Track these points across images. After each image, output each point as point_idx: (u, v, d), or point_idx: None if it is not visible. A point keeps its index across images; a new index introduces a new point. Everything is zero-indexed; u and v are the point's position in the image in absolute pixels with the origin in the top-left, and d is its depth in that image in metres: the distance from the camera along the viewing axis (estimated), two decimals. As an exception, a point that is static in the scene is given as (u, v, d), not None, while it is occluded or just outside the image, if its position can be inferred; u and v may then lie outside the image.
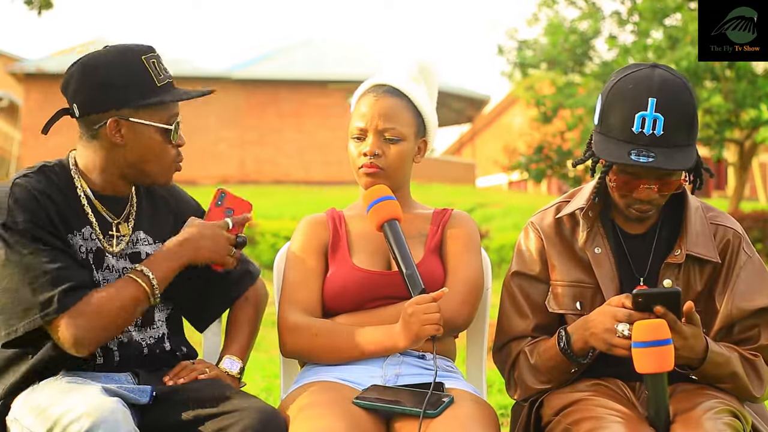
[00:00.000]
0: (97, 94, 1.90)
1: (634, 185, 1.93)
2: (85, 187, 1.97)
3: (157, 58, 1.96)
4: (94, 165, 1.97)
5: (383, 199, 2.09)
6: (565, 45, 14.23)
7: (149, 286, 1.88)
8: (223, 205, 2.07)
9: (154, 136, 1.94)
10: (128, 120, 1.91)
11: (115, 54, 1.92)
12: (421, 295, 1.98)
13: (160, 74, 1.94)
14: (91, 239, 1.94)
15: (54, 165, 1.98)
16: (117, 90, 1.89)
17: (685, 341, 1.83)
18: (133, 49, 1.93)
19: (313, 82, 22.39)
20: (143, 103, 1.90)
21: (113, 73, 1.89)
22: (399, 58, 2.31)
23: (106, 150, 1.95)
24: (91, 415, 1.67)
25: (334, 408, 1.86)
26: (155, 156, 1.96)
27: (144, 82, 1.91)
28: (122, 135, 1.92)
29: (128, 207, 2.04)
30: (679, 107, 1.87)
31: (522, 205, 16.85)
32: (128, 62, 1.91)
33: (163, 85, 1.94)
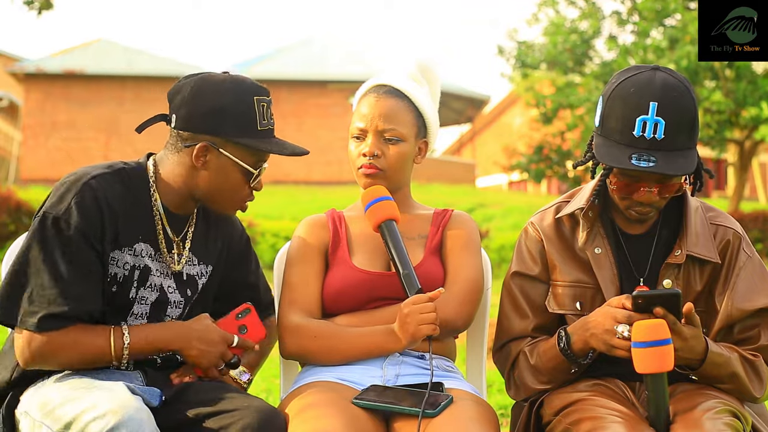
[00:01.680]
0: (200, 115, 1.91)
1: (635, 188, 1.93)
2: (159, 202, 1.97)
3: (268, 103, 1.98)
4: (172, 176, 1.97)
5: (380, 199, 2.09)
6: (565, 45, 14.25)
7: (119, 351, 1.86)
8: (241, 321, 2.04)
9: (236, 173, 1.95)
10: (218, 150, 1.92)
11: (231, 84, 1.93)
12: (418, 295, 1.98)
13: (264, 119, 1.96)
14: (141, 256, 1.94)
15: (133, 169, 1.97)
16: (219, 118, 1.91)
17: (685, 342, 1.83)
18: (249, 86, 1.95)
19: (313, 82, 22.40)
20: (237, 140, 1.92)
21: (223, 101, 1.91)
22: (401, 59, 2.31)
23: (187, 167, 1.95)
24: (116, 413, 1.67)
25: (333, 408, 1.86)
26: (229, 190, 1.97)
27: (246, 121, 1.92)
28: (206, 161, 1.93)
29: (188, 227, 2.05)
30: (680, 111, 1.86)
31: (522, 205, 16.85)
32: (240, 96, 1.92)
33: (263, 131, 1.95)
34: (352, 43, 26.14)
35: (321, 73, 22.53)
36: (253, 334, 2.04)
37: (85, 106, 21.41)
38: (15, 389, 1.90)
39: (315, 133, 22.02)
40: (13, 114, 24.66)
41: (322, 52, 24.05)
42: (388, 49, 43.97)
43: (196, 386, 1.93)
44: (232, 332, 2.00)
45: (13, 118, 24.66)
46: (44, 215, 1.84)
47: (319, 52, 24.06)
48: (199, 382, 1.97)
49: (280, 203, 15.48)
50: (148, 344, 1.89)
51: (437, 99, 2.32)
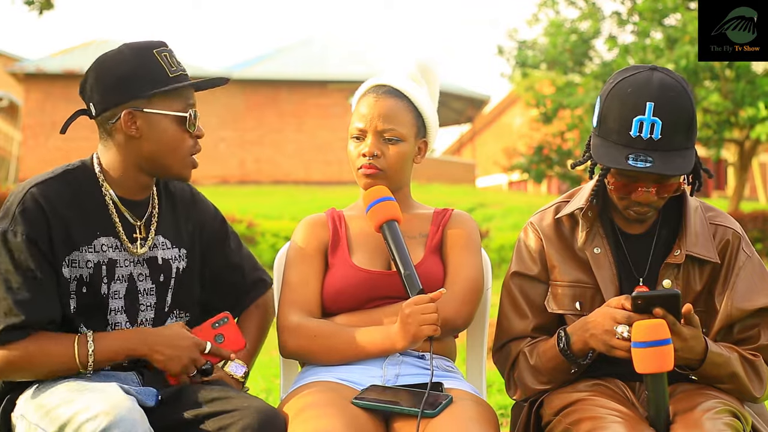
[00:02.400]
0: (111, 89, 1.91)
1: (633, 188, 1.93)
2: (111, 192, 1.97)
3: (170, 53, 1.97)
4: (115, 163, 1.97)
5: (382, 200, 2.10)
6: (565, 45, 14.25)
7: (83, 359, 1.85)
8: (218, 330, 2.02)
9: (170, 125, 1.94)
10: (142, 111, 1.91)
11: (127, 51, 1.93)
12: (419, 296, 1.98)
13: (173, 66, 1.95)
14: (102, 251, 1.93)
15: (77, 168, 1.97)
16: (129, 83, 1.90)
17: (685, 342, 1.83)
18: (145, 44, 1.95)
19: (313, 82, 22.40)
20: (155, 91, 1.91)
21: (125, 67, 1.91)
22: (400, 59, 2.31)
23: (124, 145, 1.95)
24: (108, 414, 1.67)
25: (333, 408, 1.86)
26: (172, 147, 1.95)
27: (156, 73, 1.92)
28: (137, 127, 1.92)
29: (149, 209, 2.03)
30: (678, 111, 1.86)
31: (522, 205, 16.85)
32: (140, 56, 1.92)
33: (176, 76, 1.94)
34: (353, 43, 26.13)
35: (321, 73, 22.52)
36: (230, 343, 2.03)
37: (85, 106, 21.39)
38: (11, 393, 1.90)
39: (315, 133, 22.02)
40: (13, 114, 24.66)
41: (322, 52, 24.05)
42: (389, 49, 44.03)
43: (195, 386, 1.93)
44: (207, 337, 1.99)
45: (13, 118, 24.66)
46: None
47: (319, 52, 24.06)
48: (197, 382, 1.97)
49: (280, 203, 15.47)
50: (113, 351, 1.88)
51: (437, 99, 2.32)
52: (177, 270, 2.06)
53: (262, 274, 2.26)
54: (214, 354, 1.99)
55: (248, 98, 22.15)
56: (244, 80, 22.15)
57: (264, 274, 2.26)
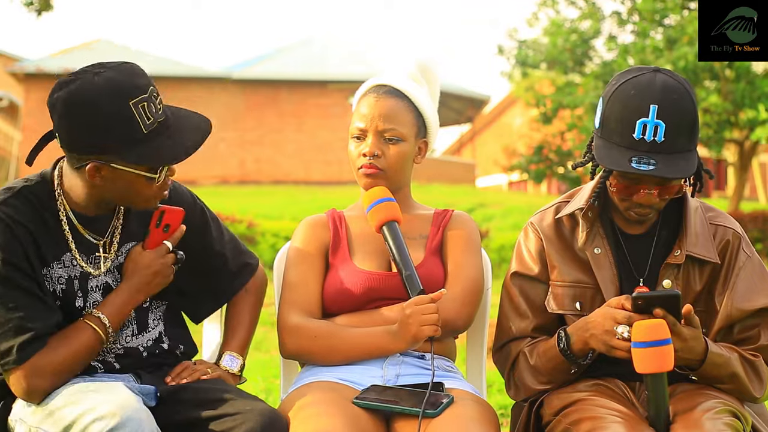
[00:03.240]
0: (78, 135, 1.79)
1: (634, 190, 1.93)
2: (68, 210, 1.91)
3: (148, 100, 1.80)
4: (77, 191, 1.90)
5: (383, 200, 2.09)
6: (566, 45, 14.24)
7: (104, 332, 1.88)
8: (162, 223, 2.01)
9: (136, 180, 1.85)
10: (108, 165, 1.81)
11: (102, 93, 1.76)
12: (420, 296, 1.98)
13: (149, 118, 1.80)
14: (72, 265, 1.92)
15: (35, 184, 1.91)
16: (99, 136, 1.77)
17: (685, 343, 1.83)
18: (121, 90, 1.77)
19: (313, 82, 22.40)
20: (124, 154, 1.80)
21: (97, 119, 1.76)
22: (400, 59, 2.31)
23: (87, 184, 1.88)
24: (116, 415, 1.67)
25: (333, 408, 1.86)
26: (135, 195, 1.90)
27: (128, 131, 1.78)
28: (102, 176, 1.84)
29: (113, 223, 1.99)
30: (681, 114, 1.86)
31: (522, 205, 16.84)
32: (114, 107, 1.76)
33: (151, 132, 1.80)
34: (353, 43, 26.13)
35: (321, 73, 22.52)
36: (174, 220, 2.01)
37: (85, 106, 21.37)
38: (5, 398, 1.90)
39: (315, 133, 22.02)
40: (13, 114, 24.65)
41: (322, 52, 24.05)
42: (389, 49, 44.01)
43: (195, 386, 1.93)
44: (161, 239, 2.00)
45: (13, 118, 24.65)
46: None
47: (319, 52, 24.06)
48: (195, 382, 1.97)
49: (280, 203, 15.46)
50: (124, 310, 1.92)
51: (437, 99, 2.32)
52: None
53: (248, 257, 2.23)
54: (174, 242, 2.02)
55: (248, 98, 22.15)
56: (244, 80, 22.15)
57: (249, 257, 2.23)
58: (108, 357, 1.95)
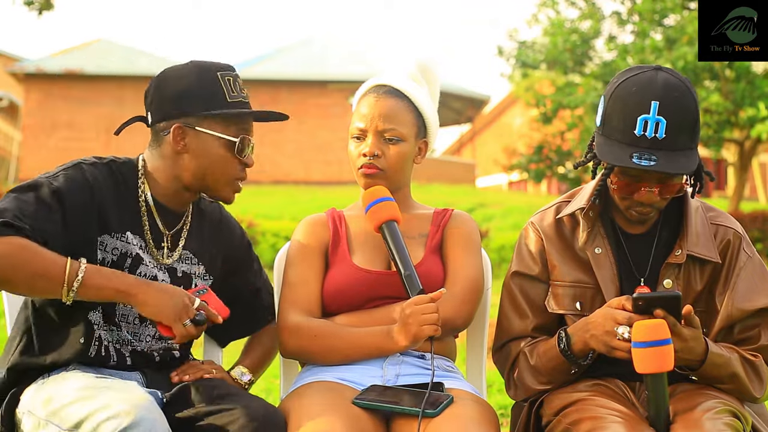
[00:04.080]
0: (167, 102, 1.94)
1: (635, 188, 1.93)
2: (148, 194, 1.98)
3: (234, 77, 1.98)
4: (160, 171, 1.99)
5: (382, 200, 2.09)
6: (566, 45, 14.24)
7: (70, 279, 1.76)
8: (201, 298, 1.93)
9: (218, 147, 1.95)
10: (193, 128, 1.93)
11: (191, 67, 1.96)
12: (419, 296, 1.98)
13: (234, 92, 1.96)
14: (132, 244, 1.94)
15: (123, 164, 2.00)
16: (185, 99, 1.93)
17: (685, 343, 1.83)
18: (211, 64, 1.97)
19: (313, 82, 22.39)
20: (207, 113, 1.93)
21: (185, 83, 1.94)
22: (400, 59, 2.31)
23: (171, 158, 1.97)
24: (130, 414, 1.67)
25: (333, 408, 1.86)
26: (217, 167, 1.97)
27: (213, 95, 1.93)
28: (185, 143, 1.94)
29: (182, 222, 2.05)
30: (682, 111, 1.86)
31: (522, 205, 16.85)
32: (202, 75, 1.94)
33: (234, 102, 1.96)
34: (353, 43, 26.13)
35: (321, 73, 22.51)
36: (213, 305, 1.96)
37: (85, 106, 21.40)
38: (14, 388, 1.89)
39: (315, 133, 22.02)
40: (13, 114, 24.65)
41: (322, 52, 24.05)
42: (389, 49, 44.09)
43: (196, 385, 1.93)
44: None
45: (13, 118, 24.65)
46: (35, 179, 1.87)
47: (319, 52, 24.05)
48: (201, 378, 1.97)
49: (280, 203, 15.47)
50: (101, 285, 1.79)
51: (437, 99, 2.32)
52: (195, 287, 2.06)
53: (274, 302, 2.28)
54: (201, 308, 1.89)
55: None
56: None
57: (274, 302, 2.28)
58: (124, 350, 1.95)
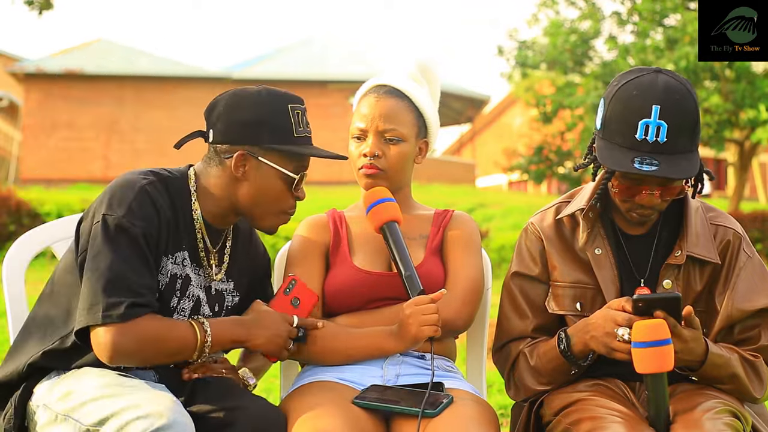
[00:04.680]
0: (235, 127, 1.93)
1: (637, 191, 1.93)
2: (199, 212, 1.97)
3: (302, 111, 1.99)
4: (212, 190, 1.97)
5: (382, 201, 2.10)
6: (565, 45, 14.24)
7: (203, 340, 1.86)
8: (291, 294, 2.06)
9: (276, 181, 1.95)
10: (256, 158, 1.93)
11: (264, 95, 1.95)
12: (420, 296, 1.98)
13: (300, 126, 1.98)
14: (182, 265, 1.94)
15: (177, 178, 1.97)
16: (256, 127, 1.92)
17: (685, 344, 1.83)
18: (283, 95, 1.98)
19: (313, 82, 22.39)
20: (274, 147, 1.93)
21: (258, 111, 1.93)
22: (401, 59, 2.31)
23: (227, 181, 1.96)
24: (162, 416, 1.66)
25: (333, 408, 1.86)
26: (271, 199, 1.96)
27: (282, 129, 1.94)
28: (245, 170, 1.93)
29: (224, 240, 2.05)
30: (683, 114, 1.86)
31: (522, 205, 16.85)
32: (274, 105, 1.94)
33: (300, 138, 1.97)
34: (352, 43, 26.13)
35: (321, 73, 22.52)
36: (305, 302, 2.06)
37: (85, 106, 21.40)
38: (27, 381, 1.89)
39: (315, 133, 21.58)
40: (13, 114, 24.65)
41: (322, 52, 24.05)
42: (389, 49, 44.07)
43: (199, 384, 1.93)
44: (286, 308, 2.02)
45: (13, 118, 24.65)
46: (104, 218, 1.82)
47: (319, 52, 24.05)
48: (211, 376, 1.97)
49: (280, 203, 15.40)
50: (224, 338, 1.90)
51: (437, 99, 2.32)
52: (227, 304, 2.07)
53: None
54: (300, 325, 2.02)
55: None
56: (244, 80, 22.13)
57: None
58: None
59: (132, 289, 1.78)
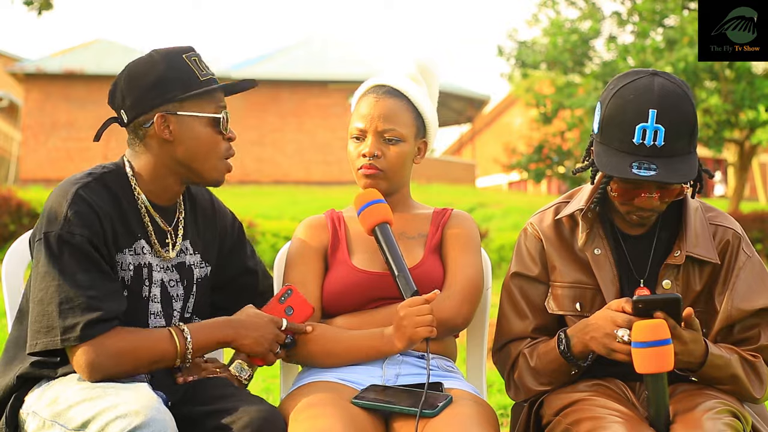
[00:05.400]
0: (143, 94, 1.92)
1: (635, 194, 1.93)
2: (143, 197, 1.97)
3: (198, 57, 1.99)
4: (148, 168, 1.97)
5: (373, 203, 2.09)
6: (566, 45, 14.23)
7: (183, 347, 1.87)
8: (286, 303, 2.07)
9: (203, 128, 1.95)
10: (176, 114, 1.92)
11: (157, 57, 1.95)
12: (414, 297, 1.98)
13: (202, 70, 1.97)
14: (143, 254, 1.94)
15: (112, 171, 1.96)
16: (161, 87, 1.91)
17: (685, 346, 1.83)
18: (174, 50, 1.97)
19: (313, 82, 22.40)
20: (187, 95, 1.92)
21: (157, 72, 1.92)
22: (400, 59, 2.31)
23: (157, 150, 1.95)
24: (140, 414, 1.66)
25: (333, 408, 1.86)
26: (206, 149, 1.96)
27: (187, 78, 1.93)
28: (171, 130, 1.93)
29: (177, 215, 2.04)
30: (680, 117, 1.86)
31: (522, 205, 16.85)
32: (170, 61, 1.94)
33: (206, 80, 1.96)
34: (352, 43, 26.22)
35: (321, 73, 22.51)
36: (299, 312, 2.06)
37: (85, 106, 21.39)
38: (19, 390, 1.89)
39: (315, 133, 22.02)
40: (13, 114, 24.65)
41: (322, 52, 24.05)
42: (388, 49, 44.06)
43: (197, 385, 1.93)
44: (281, 315, 2.03)
45: (13, 118, 24.65)
46: (45, 236, 1.82)
47: (319, 52, 24.05)
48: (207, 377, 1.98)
49: (280, 203, 15.46)
50: (206, 341, 1.91)
51: (436, 99, 2.32)
52: (198, 277, 2.07)
53: (272, 281, 2.29)
54: (289, 329, 2.02)
55: (248, 98, 22.12)
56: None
57: (272, 281, 2.29)
58: None
59: (85, 307, 1.78)
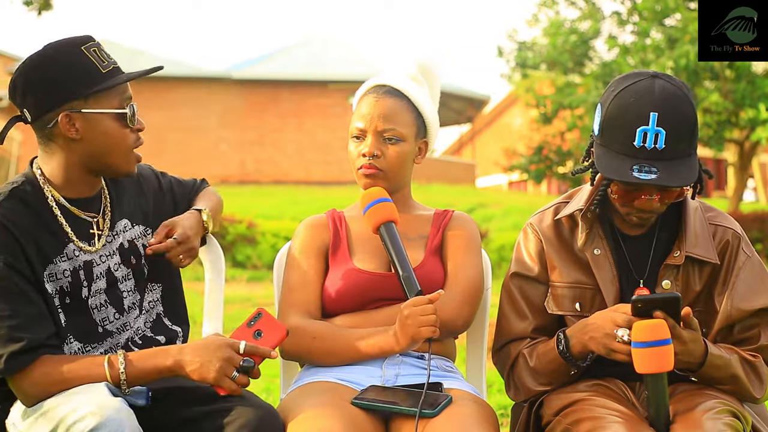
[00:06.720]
0: (44, 93, 1.85)
1: (635, 196, 1.93)
2: (57, 197, 1.92)
3: (98, 47, 1.90)
4: (59, 168, 1.92)
5: (379, 201, 2.09)
6: (565, 45, 14.24)
7: (116, 377, 1.79)
8: (255, 326, 1.90)
9: (110, 123, 1.90)
10: (80, 112, 1.86)
11: (53, 51, 1.87)
12: (417, 297, 1.98)
13: (104, 61, 1.89)
14: (75, 256, 1.91)
15: (23, 183, 1.91)
16: (62, 85, 1.84)
17: (685, 346, 1.83)
18: (71, 41, 1.88)
19: (313, 82, 22.40)
20: (90, 91, 1.86)
21: (56, 69, 1.85)
22: (400, 59, 2.31)
23: (65, 148, 1.90)
24: (96, 415, 1.66)
25: (332, 408, 1.86)
26: (114, 145, 1.91)
27: (87, 72, 1.86)
28: (77, 128, 1.87)
29: (102, 201, 2.01)
30: (681, 120, 1.86)
31: (522, 205, 16.85)
32: (68, 55, 1.86)
33: (109, 71, 1.89)
34: (352, 43, 26.16)
35: (321, 73, 22.52)
36: (270, 336, 1.90)
37: (85, 106, 21.39)
38: (4, 403, 1.90)
39: (315, 133, 22.02)
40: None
41: (322, 52, 24.05)
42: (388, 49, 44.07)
43: (189, 384, 1.91)
44: (248, 340, 1.86)
45: (13, 118, 24.63)
46: None
47: (319, 52, 24.06)
48: None
49: (280, 203, 15.47)
50: (143, 371, 1.81)
51: (437, 99, 2.32)
52: (144, 247, 2.05)
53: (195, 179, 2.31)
54: (249, 352, 1.82)
55: (248, 98, 22.14)
56: (244, 80, 22.15)
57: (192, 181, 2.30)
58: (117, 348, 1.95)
59: (8, 339, 1.76)
